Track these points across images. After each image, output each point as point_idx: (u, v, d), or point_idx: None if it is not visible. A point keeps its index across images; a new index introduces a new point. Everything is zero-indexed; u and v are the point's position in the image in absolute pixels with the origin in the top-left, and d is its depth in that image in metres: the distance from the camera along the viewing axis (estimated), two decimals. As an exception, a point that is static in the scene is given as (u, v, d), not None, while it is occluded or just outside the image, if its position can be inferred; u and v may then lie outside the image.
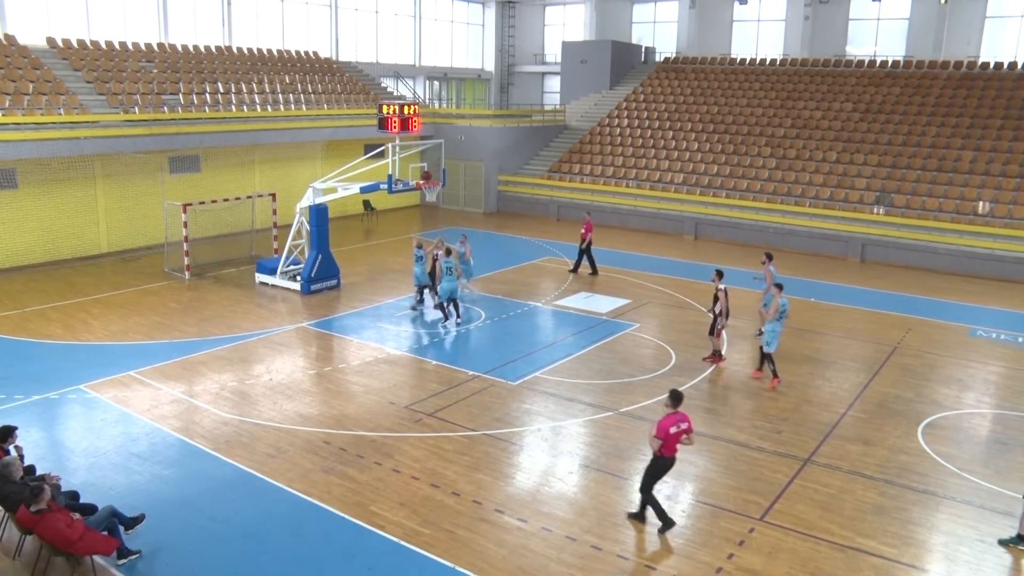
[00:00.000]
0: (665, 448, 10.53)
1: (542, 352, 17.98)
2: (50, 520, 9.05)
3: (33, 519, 9.07)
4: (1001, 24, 38.80)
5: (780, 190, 32.53)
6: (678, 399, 10.63)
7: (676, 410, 10.58)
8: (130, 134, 25.87)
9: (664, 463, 10.67)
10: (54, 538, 9.02)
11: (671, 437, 10.49)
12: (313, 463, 12.42)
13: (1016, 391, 16.46)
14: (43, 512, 9.07)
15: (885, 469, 12.73)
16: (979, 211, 28.53)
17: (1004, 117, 32.86)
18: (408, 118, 20.99)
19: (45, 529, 9.03)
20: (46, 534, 9.04)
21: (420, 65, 48.36)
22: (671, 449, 10.60)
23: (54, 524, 9.03)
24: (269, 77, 33.72)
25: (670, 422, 10.48)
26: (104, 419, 13.84)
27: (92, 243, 26.03)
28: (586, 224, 24.94)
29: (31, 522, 9.09)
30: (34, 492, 9.09)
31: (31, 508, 9.08)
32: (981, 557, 10.35)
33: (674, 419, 10.53)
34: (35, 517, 9.07)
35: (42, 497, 9.09)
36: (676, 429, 10.54)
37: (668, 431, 10.44)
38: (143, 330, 18.73)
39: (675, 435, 10.53)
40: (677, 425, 10.53)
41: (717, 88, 40.90)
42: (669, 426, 10.46)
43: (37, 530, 9.08)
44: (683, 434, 10.62)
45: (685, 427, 10.62)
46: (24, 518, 9.15)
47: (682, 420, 10.61)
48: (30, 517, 9.09)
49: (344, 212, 32.95)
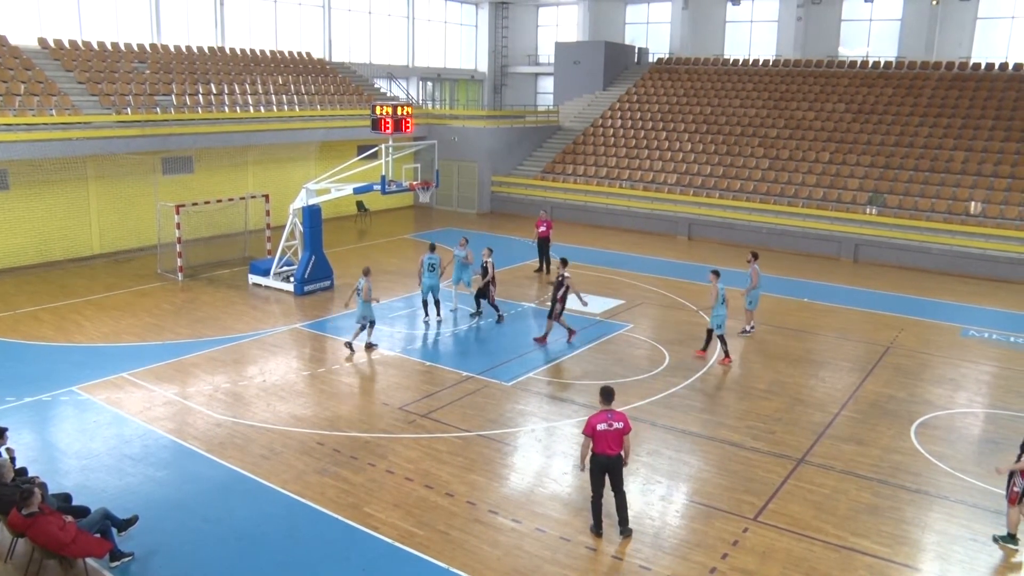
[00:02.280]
0: (596, 446, 10.28)
1: (536, 353, 17.98)
2: (43, 523, 9.02)
3: (25, 522, 9.03)
4: (992, 25, 38.94)
5: (773, 190, 32.60)
6: (608, 396, 10.44)
7: (609, 408, 10.38)
8: (123, 135, 25.80)
9: (596, 461, 10.36)
10: (47, 541, 8.98)
11: (599, 435, 10.22)
12: (307, 464, 12.40)
13: (1008, 390, 16.52)
14: (35, 515, 9.04)
15: (879, 469, 12.76)
16: (971, 211, 28.63)
17: (995, 118, 32.99)
18: (401, 119, 20.98)
19: (38, 532, 8.99)
20: (39, 537, 9.00)
21: (413, 66, 48.33)
22: (603, 447, 10.25)
23: (46, 527, 9.00)
24: (262, 78, 33.66)
25: (598, 419, 10.27)
26: (97, 421, 13.80)
27: (84, 244, 25.94)
28: (546, 222, 25.01)
29: (23, 525, 9.05)
30: (24, 495, 9.05)
31: (22, 511, 9.05)
32: (974, 556, 10.39)
33: (604, 416, 10.29)
34: (27, 520, 9.03)
35: (32, 500, 9.05)
36: (605, 427, 10.23)
37: (595, 428, 10.23)
38: (136, 332, 18.68)
39: (604, 433, 10.21)
40: (608, 423, 10.23)
41: (710, 89, 40.97)
42: (596, 423, 10.25)
43: (29, 533, 9.04)
44: (618, 434, 10.26)
45: (620, 427, 10.27)
46: (16, 521, 9.11)
47: (616, 419, 10.29)
48: (22, 520, 9.05)
49: (337, 213, 32.90)
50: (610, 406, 10.44)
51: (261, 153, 31.07)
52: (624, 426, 10.38)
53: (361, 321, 17.70)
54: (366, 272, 17.87)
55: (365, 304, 17.54)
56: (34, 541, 9.10)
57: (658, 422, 14.31)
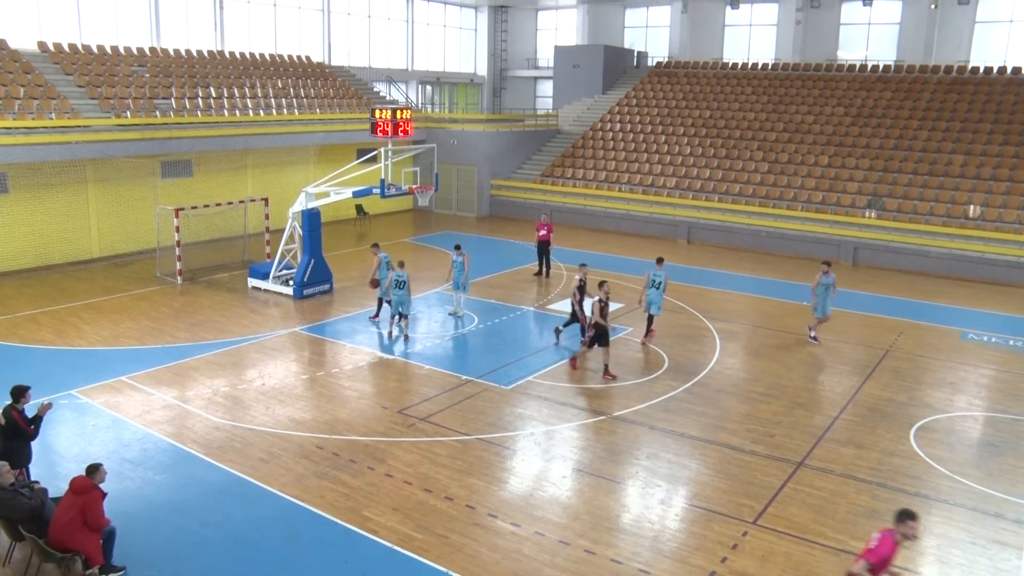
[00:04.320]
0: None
1: (535, 356, 17.98)
2: (99, 497, 9.25)
3: (88, 486, 9.19)
4: (990, 29, 39.01)
5: (772, 194, 32.61)
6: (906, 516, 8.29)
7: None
8: (122, 138, 25.81)
9: None
10: (91, 514, 9.08)
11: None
12: (306, 468, 12.39)
13: (1007, 394, 16.52)
14: (95, 487, 9.30)
15: (878, 472, 12.75)
16: (970, 215, 28.64)
17: (994, 121, 33.02)
18: (400, 122, 20.98)
19: (90, 501, 9.11)
20: (89, 506, 9.08)
21: (413, 69, 48.39)
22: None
23: (99, 502, 9.23)
24: (262, 81, 33.69)
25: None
26: (96, 424, 13.78)
27: (84, 248, 25.94)
28: (547, 226, 24.96)
29: (85, 488, 9.16)
30: (96, 466, 9.41)
31: (92, 477, 9.30)
32: (973, 559, 10.38)
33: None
34: (92, 484, 9.22)
35: (103, 472, 9.41)
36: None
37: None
38: (135, 335, 18.67)
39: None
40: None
41: (709, 92, 41.00)
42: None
43: (84, 498, 9.08)
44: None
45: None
46: (81, 483, 9.21)
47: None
48: (86, 484, 9.20)
49: (337, 216, 32.90)
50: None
51: (260, 157, 31.08)
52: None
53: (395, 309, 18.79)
54: (401, 264, 18.91)
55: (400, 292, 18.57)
56: (71, 510, 9.07)
57: (657, 425, 14.30)
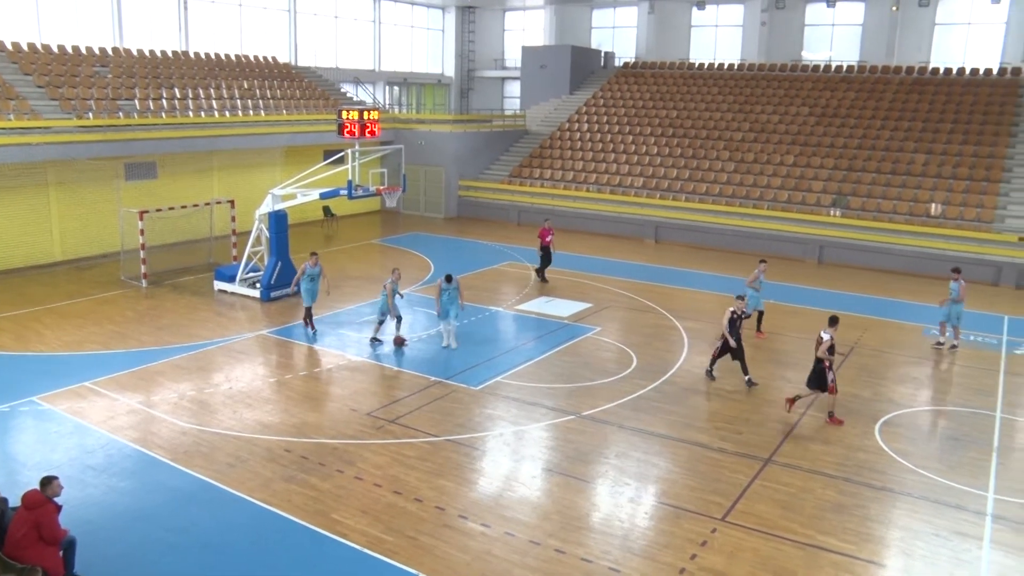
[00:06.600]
0: None
1: (504, 357, 17.98)
2: (53, 510, 9.05)
3: (41, 500, 9.00)
4: (949, 31, 39.72)
5: (739, 193, 32.91)
6: None
7: None
8: (84, 140, 25.41)
9: None
10: (45, 527, 8.88)
11: None
12: (274, 472, 12.28)
13: (968, 388, 16.82)
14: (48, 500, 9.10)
15: (844, 467, 12.92)
16: (932, 213, 29.11)
17: (954, 121, 33.59)
18: (368, 123, 20.87)
19: (44, 514, 8.92)
20: (42, 519, 8.89)
21: (380, 70, 48.17)
22: None
23: (54, 514, 9.03)
24: (227, 82, 33.36)
25: None
26: (58, 431, 13.55)
27: (45, 251, 25.49)
28: (551, 231, 24.80)
29: (37, 503, 8.96)
30: (50, 479, 9.18)
31: (45, 492, 9.09)
32: (936, 551, 10.55)
33: None
34: (44, 500, 9.02)
35: (57, 485, 9.19)
36: None
37: None
38: (99, 340, 18.39)
39: None
40: None
41: (676, 92, 41.29)
42: None
43: (36, 513, 8.88)
44: None
45: None
46: (33, 498, 9.01)
47: None
48: (38, 498, 9.00)
49: (304, 218, 32.65)
50: None
51: (226, 158, 30.74)
52: None
53: (381, 317, 18.57)
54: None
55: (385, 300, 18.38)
56: (24, 525, 8.87)
57: (626, 424, 14.36)
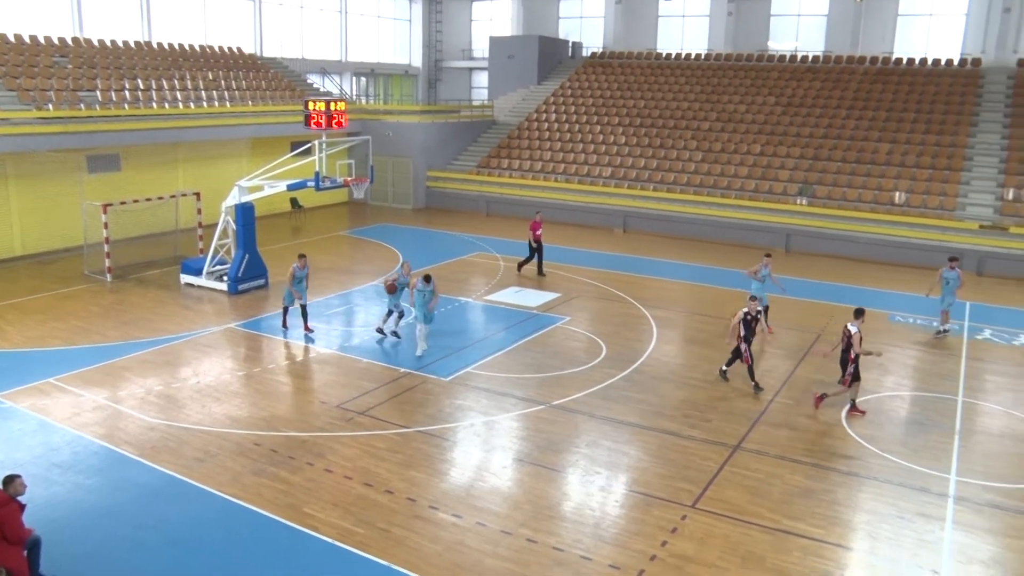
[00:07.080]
0: None
1: (473, 347, 17.97)
2: (16, 509, 8.88)
3: (5, 498, 8.83)
4: (911, 22, 40.23)
5: (707, 182, 33.11)
6: None
7: None
8: (44, 132, 24.90)
9: None
10: (8, 526, 8.72)
11: None
12: (243, 466, 12.19)
13: (932, 374, 17.11)
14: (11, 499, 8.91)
15: (811, 453, 13.10)
16: (896, 201, 29.53)
17: (917, 111, 34.04)
18: (335, 114, 20.70)
19: (8, 514, 8.75)
20: (5, 519, 8.73)
21: (347, 61, 47.78)
22: None
23: (18, 514, 8.87)
24: (191, 73, 32.89)
25: None
26: (22, 429, 13.33)
27: (5, 246, 25.01)
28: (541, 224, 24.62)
29: (1, 501, 8.80)
30: (12, 478, 8.96)
31: (7, 490, 8.90)
32: (900, 532, 10.74)
33: None
34: (7, 497, 8.85)
35: (18, 484, 8.96)
36: None
37: None
38: (63, 335, 18.11)
39: None
40: None
41: (643, 82, 41.41)
42: None
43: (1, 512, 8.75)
44: None
45: None
46: None
47: None
48: (3, 496, 8.84)
49: (271, 210, 32.35)
50: None
51: (191, 150, 30.34)
52: None
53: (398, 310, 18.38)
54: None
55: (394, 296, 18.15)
56: None
57: (596, 413, 14.43)
